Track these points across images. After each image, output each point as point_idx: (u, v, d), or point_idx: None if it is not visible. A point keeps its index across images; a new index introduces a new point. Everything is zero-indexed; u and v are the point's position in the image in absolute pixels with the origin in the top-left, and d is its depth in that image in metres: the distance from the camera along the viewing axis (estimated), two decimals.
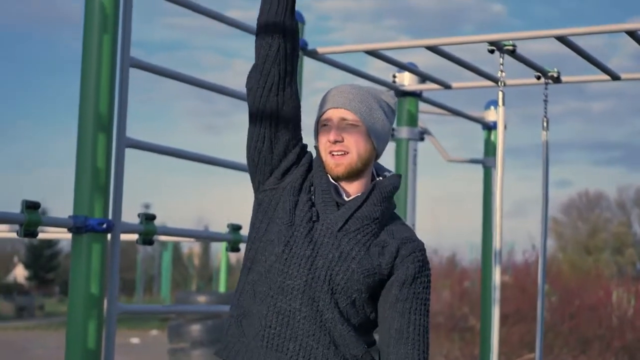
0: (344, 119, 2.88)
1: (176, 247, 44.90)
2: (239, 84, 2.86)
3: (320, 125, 2.93)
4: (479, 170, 8.13)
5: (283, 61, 2.88)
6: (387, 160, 7.70)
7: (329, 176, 2.91)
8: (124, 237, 4.74)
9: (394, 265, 2.84)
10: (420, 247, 2.90)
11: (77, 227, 4.16)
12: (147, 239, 4.58)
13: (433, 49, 5.55)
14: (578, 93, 66.84)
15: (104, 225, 4.21)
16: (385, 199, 2.90)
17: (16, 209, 3.96)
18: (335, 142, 2.87)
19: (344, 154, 2.87)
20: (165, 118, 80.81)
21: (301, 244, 2.81)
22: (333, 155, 2.88)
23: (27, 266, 55.26)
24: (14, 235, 4.52)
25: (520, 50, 5.19)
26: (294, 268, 2.79)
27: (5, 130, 74.61)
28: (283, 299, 2.79)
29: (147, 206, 45.59)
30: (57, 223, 4.36)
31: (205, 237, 7.63)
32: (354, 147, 2.87)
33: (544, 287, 5.60)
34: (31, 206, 3.95)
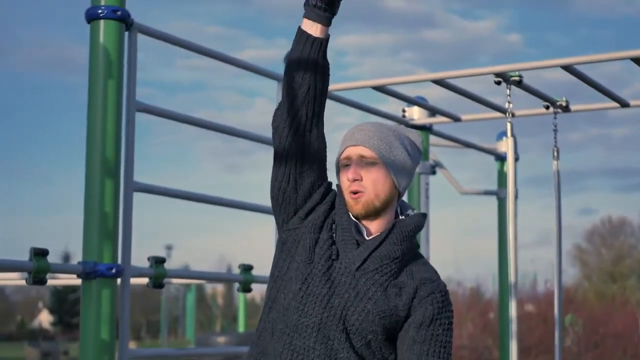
0: (362, 157, 2.86)
1: (200, 287, 44.89)
2: (258, 123, 2.82)
3: (341, 165, 2.91)
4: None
5: (312, 102, 2.83)
6: None
7: (350, 214, 2.88)
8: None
9: (412, 307, 2.79)
10: (440, 288, 2.84)
11: (86, 272, 4.16)
12: (157, 282, 4.58)
13: (440, 82, 5.56)
14: (598, 120, 66.71)
15: (113, 270, 4.20)
16: (406, 239, 2.86)
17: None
18: (354, 180, 2.84)
19: (361, 195, 2.84)
20: (188, 159, 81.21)
21: (318, 282, 2.78)
22: (352, 193, 2.85)
23: (52, 311, 55.44)
24: (23, 282, 4.53)
25: (535, 79, 5.19)
26: (309, 306, 2.76)
27: (34, 174, 75.03)
28: (298, 336, 2.76)
29: (169, 247, 45.71)
30: (66, 269, 4.37)
31: (216, 279, 7.61)
32: (372, 186, 2.84)
33: (560, 319, 5.56)
34: (39, 253, 3.96)
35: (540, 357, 13.92)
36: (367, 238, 2.86)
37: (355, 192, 2.84)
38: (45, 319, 57.90)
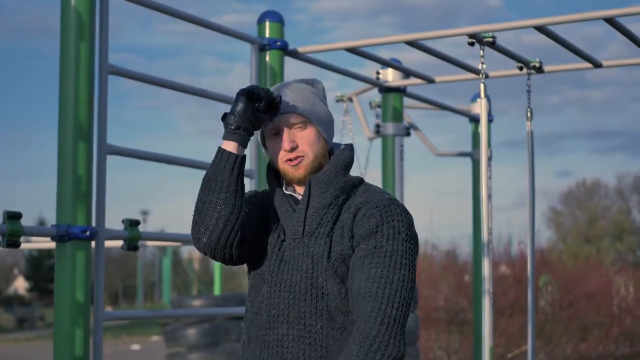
0: (293, 123, 2.82)
1: (176, 252, 44.87)
2: (238, 88, 2.78)
3: (268, 135, 2.87)
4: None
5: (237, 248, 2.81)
6: (374, 156, 7.70)
7: (283, 188, 2.88)
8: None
9: (353, 234, 2.74)
10: (377, 205, 2.74)
11: (60, 235, 4.17)
12: (132, 244, 4.58)
13: (413, 44, 5.56)
14: (577, 82, 66.62)
15: (87, 233, 4.21)
16: (330, 181, 2.81)
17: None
18: (292, 149, 2.81)
19: (301, 159, 2.82)
20: (167, 124, 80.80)
21: (277, 271, 2.78)
22: (291, 161, 2.83)
23: (27, 277, 55.27)
24: None
25: (513, 43, 5.21)
26: (274, 299, 2.76)
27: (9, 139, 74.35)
28: (270, 332, 2.75)
29: (145, 212, 45.64)
30: (39, 232, 4.38)
31: (187, 240, 7.62)
32: (309, 150, 2.82)
33: (533, 279, 5.62)
34: (13, 216, 3.96)
35: (514, 317, 14.00)
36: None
37: (293, 159, 2.82)
38: (20, 285, 57.74)
